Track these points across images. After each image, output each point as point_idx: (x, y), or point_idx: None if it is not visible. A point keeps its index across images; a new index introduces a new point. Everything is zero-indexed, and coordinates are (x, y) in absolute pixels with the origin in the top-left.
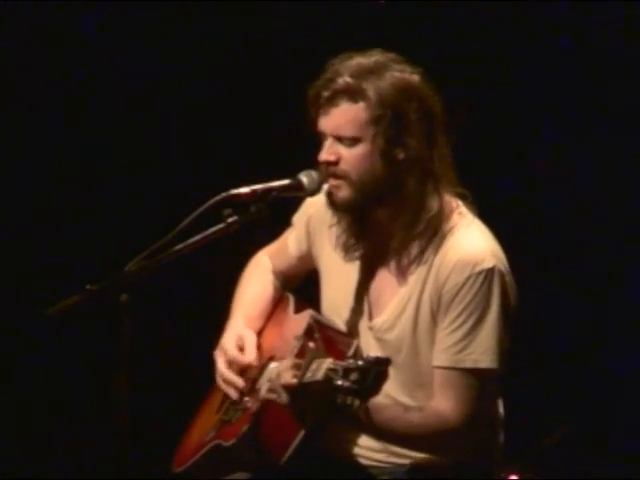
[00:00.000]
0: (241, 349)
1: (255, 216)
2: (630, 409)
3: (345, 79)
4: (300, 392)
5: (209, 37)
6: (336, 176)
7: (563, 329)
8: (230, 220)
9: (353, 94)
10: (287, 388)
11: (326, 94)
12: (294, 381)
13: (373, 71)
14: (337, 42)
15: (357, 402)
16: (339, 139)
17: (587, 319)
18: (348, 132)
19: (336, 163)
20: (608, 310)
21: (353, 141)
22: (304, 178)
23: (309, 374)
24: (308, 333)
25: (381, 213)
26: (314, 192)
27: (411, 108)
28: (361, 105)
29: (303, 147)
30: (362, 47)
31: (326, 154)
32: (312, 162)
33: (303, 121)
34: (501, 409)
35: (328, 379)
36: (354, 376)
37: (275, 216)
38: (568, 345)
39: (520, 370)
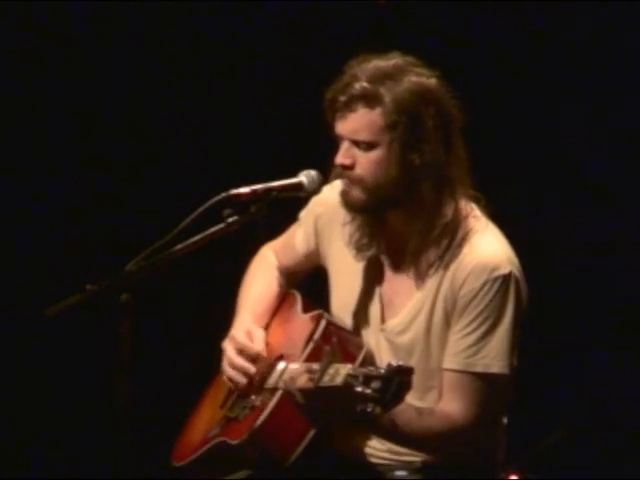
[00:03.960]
0: (251, 340)
1: (255, 216)
2: (630, 409)
3: (362, 84)
4: (316, 396)
5: (210, 37)
6: (351, 180)
7: (564, 328)
8: (230, 220)
9: (370, 99)
10: (303, 392)
11: (343, 98)
12: (310, 385)
13: (391, 76)
14: (337, 42)
15: (378, 410)
16: (355, 143)
17: (587, 318)
18: (364, 137)
19: (351, 167)
20: (608, 309)
21: (369, 146)
22: (304, 178)
23: (326, 378)
24: (324, 335)
25: (396, 217)
26: (314, 192)
27: (428, 114)
28: (378, 111)
29: (303, 147)
30: (361, 47)
31: (342, 158)
32: (312, 162)
33: (303, 121)
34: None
35: (348, 385)
36: (376, 384)
37: (275, 216)
38: (568, 344)
39: (520, 370)
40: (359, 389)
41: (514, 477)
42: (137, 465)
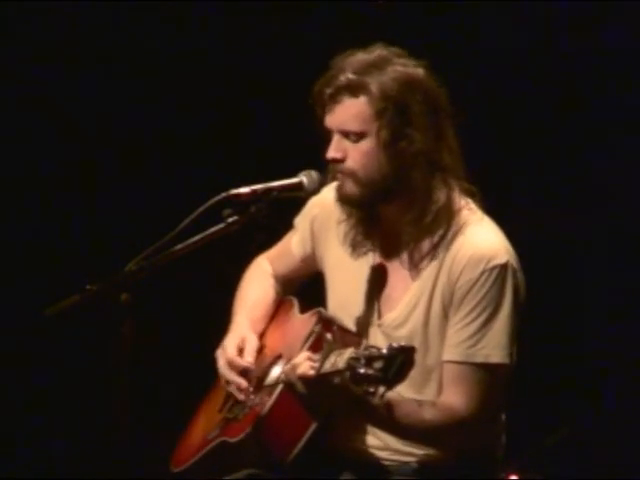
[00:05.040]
0: (241, 351)
1: (255, 216)
2: (629, 409)
3: (347, 75)
4: (318, 383)
5: (210, 37)
6: (343, 173)
7: (564, 329)
8: (230, 220)
9: (355, 89)
10: (304, 379)
11: (329, 91)
12: (312, 372)
13: (375, 65)
14: (337, 42)
15: (381, 390)
16: (345, 135)
17: (588, 319)
18: (353, 127)
19: (342, 160)
20: (608, 309)
21: (358, 136)
22: (304, 178)
23: (328, 365)
24: (325, 325)
25: (390, 209)
26: (314, 192)
27: (414, 100)
28: (363, 99)
29: (303, 147)
30: (362, 46)
31: (333, 152)
32: (312, 162)
33: (303, 121)
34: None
35: (350, 368)
36: (378, 364)
37: (275, 216)
38: (568, 345)
39: (520, 370)
40: (362, 370)
41: (514, 477)
42: (137, 465)
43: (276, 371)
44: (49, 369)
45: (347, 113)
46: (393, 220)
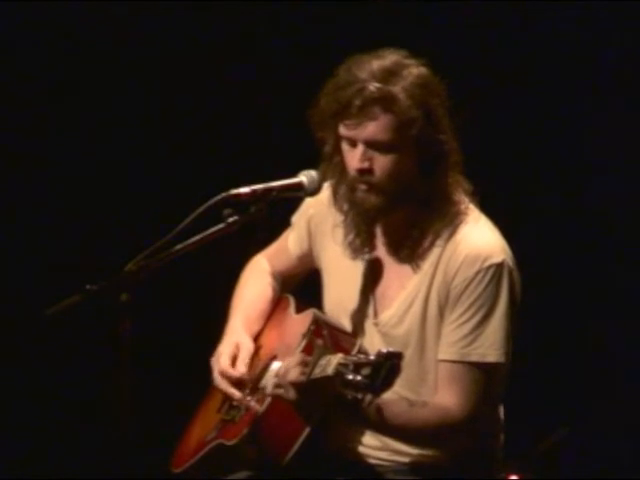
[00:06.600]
0: (234, 359)
1: (255, 216)
2: (629, 409)
3: (374, 85)
4: (308, 389)
5: (209, 37)
6: (371, 184)
7: (563, 329)
8: (230, 220)
9: (384, 100)
10: (295, 385)
11: (358, 103)
12: (302, 378)
13: (394, 72)
14: (337, 42)
15: (369, 397)
16: (372, 145)
17: (587, 319)
18: (384, 138)
19: (370, 170)
20: (608, 310)
21: (389, 147)
22: (304, 178)
23: (317, 370)
24: (316, 330)
25: (401, 212)
26: (314, 192)
27: (435, 103)
28: (395, 110)
29: (303, 147)
30: (361, 46)
31: (360, 162)
32: (312, 162)
33: (303, 121)
34: (501, 409)
35: (339, 374)
36: (366, 371)
37: (275, 216)
38: (568, 345)
39: (520, 370)
40: (350, 377)
41: (514, 477)
42: (137, 465)
43: (271, 373)
44: (49, 369)
45: (379, 125)
46: (399, 221)
